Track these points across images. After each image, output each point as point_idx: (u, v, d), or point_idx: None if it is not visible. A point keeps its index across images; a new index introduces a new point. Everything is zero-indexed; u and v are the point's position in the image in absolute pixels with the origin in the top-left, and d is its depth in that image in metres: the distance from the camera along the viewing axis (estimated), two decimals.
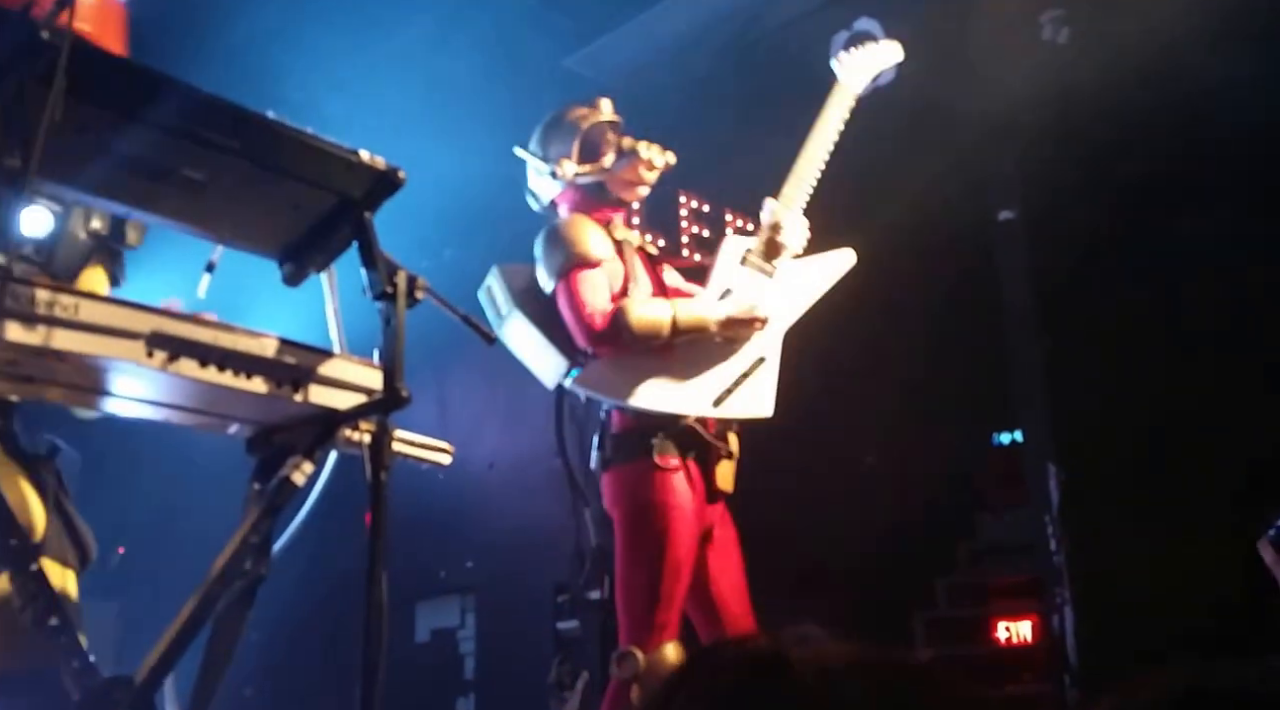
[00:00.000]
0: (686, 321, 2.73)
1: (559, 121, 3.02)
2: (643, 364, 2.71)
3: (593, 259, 2.79)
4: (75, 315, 1.66)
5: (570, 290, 2.76)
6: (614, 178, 2.93)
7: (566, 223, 2.88)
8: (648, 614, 2.59)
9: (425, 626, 5.62)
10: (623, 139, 2.98)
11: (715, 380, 2.76)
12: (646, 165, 2.93)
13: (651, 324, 2.69)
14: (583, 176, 2.93)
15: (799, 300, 2.97)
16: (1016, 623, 4.52)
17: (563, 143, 2.98)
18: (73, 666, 1.81)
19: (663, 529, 2.64)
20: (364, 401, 2.02)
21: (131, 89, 1.73)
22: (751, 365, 2.81)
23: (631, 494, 2.70)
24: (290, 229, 2.05)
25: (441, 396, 5.63)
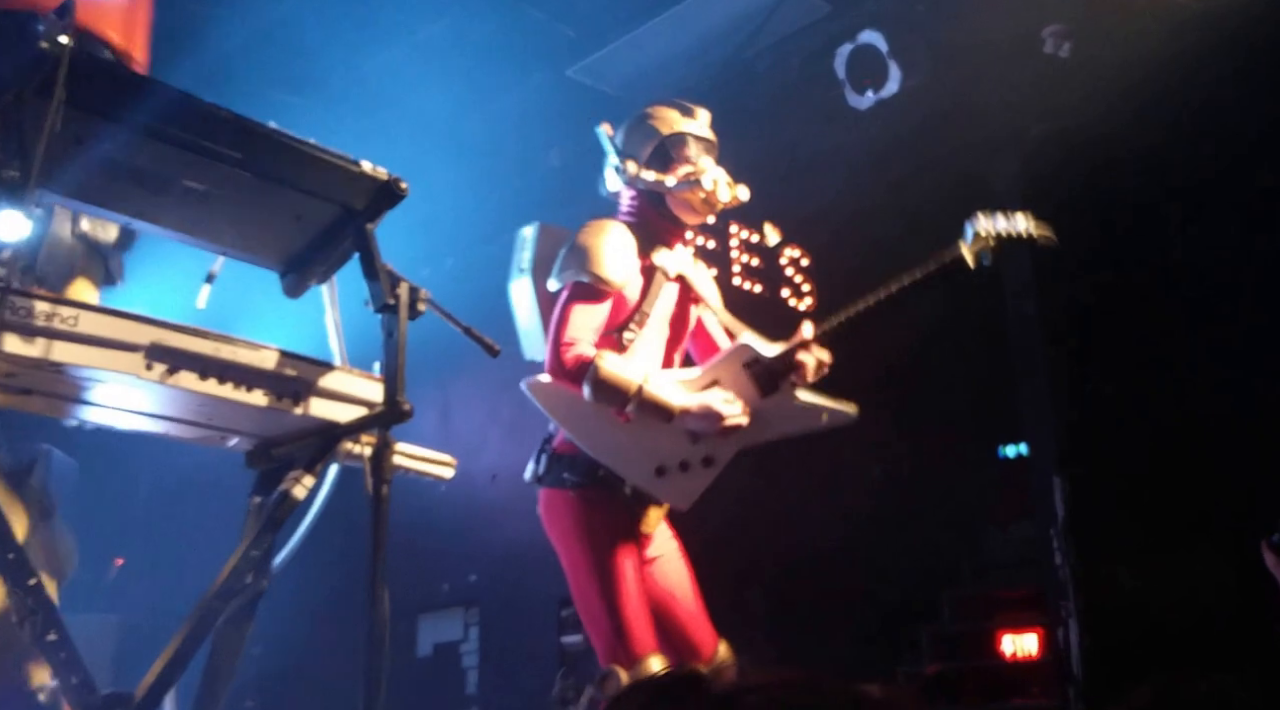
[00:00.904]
0: (650, 398, 2.56)
1: (645, 119, 2.86)
2: (598, 409, 2.60)
3: (601, 280, 2.66)
4: (74, 327, 1.65)
5: (564, 309, 2.67)
6: (675, 196, 2.78)
7: (603, 229, 2.73)
8: (616, 632, 2.53)
9: (428, 640, 5.59)
10: (701, 159, 2.81)
11: (659, 452, 2.62)
12: (708, 197, 2.77)
13: (616, 385, 2.55)
14: (641, 183, 2.79)
15: (773, 430, 2.76)
16: (1022, 636, 4.49)
17: (639, 142, 2.82)
18: (71, 682, 1.79)
19: (602, 553, 2.58)
20: (365, 414, 2.01)
21: (132, 99, 1.72)
22: (699, 460, 2.66)
23: (565, 521, 2.64)
24: (292, 240, 2.05)
25: (444, 407, 5.62)
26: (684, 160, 2.80)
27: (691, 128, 2.84)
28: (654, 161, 2.80)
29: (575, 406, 2.62)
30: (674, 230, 2.86)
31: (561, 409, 2.63)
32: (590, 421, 2.61)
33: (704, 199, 2.78)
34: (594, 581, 2.58)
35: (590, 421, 2.61)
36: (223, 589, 1.96)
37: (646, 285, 2.77)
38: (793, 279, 5.39)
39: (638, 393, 2.56)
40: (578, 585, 2.63)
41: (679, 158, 2.80)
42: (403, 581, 3.99)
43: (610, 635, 2.54)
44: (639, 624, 2.55)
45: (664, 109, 2.88)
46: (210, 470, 4.59)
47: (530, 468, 2.75)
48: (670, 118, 2.85)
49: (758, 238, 5.20)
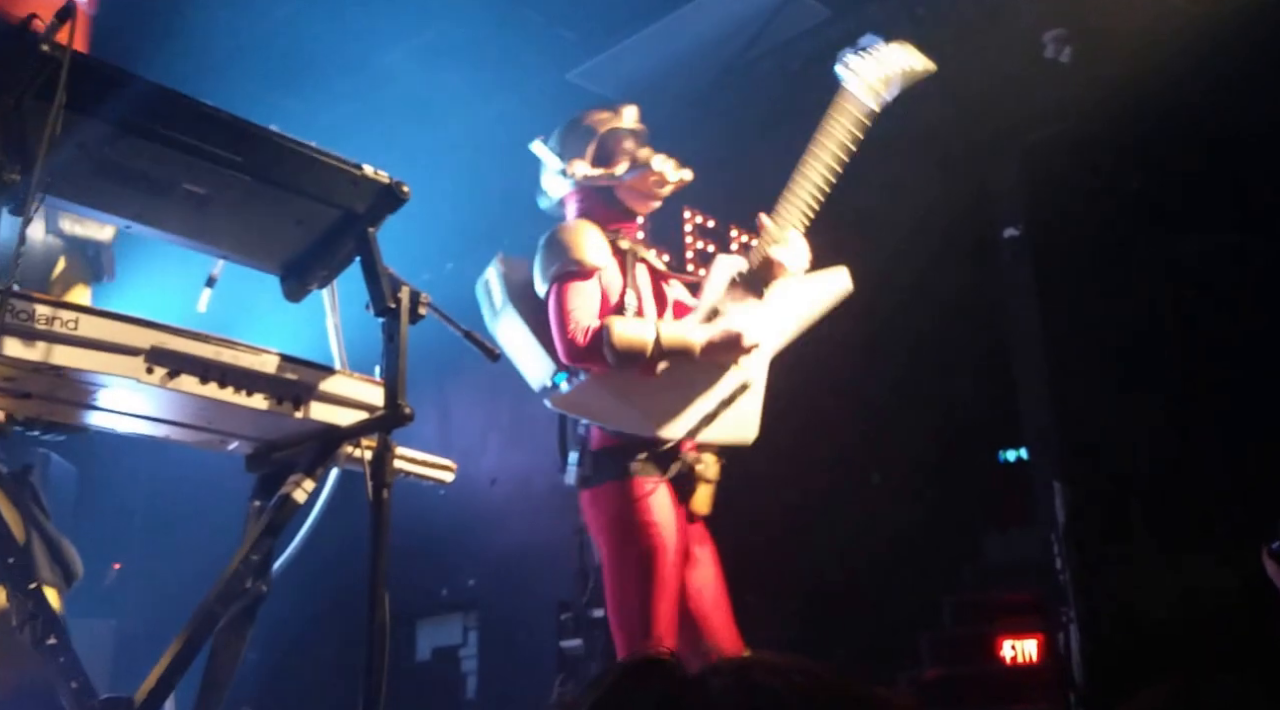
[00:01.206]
0: (670, 342, 2.63)
1: (579, 122, 2.97)
2: (623, 386, 2.64)
3: (587, 266, 2.74)
4: (75, 330, 1.64)
5: (559, 299, 2.72)
6: (624, 186, 2.88)
7: (568, 227, 2.83)
8: (643, 633, 2.55)
9: (427, 645, 5.58)
10: (641, 149, 2.92)
11: (697, 406, 2.67)
12: (658, 179, 2.87)
13: (634, 343, 2.61)
14: (592, 179, 2.88)
15: (788, 325, 2.84)
16: (1022, 641, 4.48)
17: (578, 143, 2.93)
18: (71, 687, 1.79)
19: (648, 547, 2.59)
20: (366, 418, 2.00)
21: (132, 103, 1.71)
22: (735, 391, 2.72)
23: (613, 515, 2.65)
24: (293, 244, 2.04)
25: (443, 411, 5.62)
26: (624, 153, 2.90)
27: (624, 122, 2.95)
28: (600, 158, 2.91)
29: (606, 399, 2.65)
30: (626, 221, 2.94)
31: (595, 407, 2.67)
32: (625, 405, 2.65)
33: (655, 181, 2.86)
34: (630, 579, 2.60)
35: (625, 405, 2.65)
36: (222, 593, 1.95)
37: (624, 269, 2.84)
38: None
39: (656, 341, 2.62)
40: (617, 579, 2.65)
41: (619, 151, 2.91)
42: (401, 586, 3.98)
43: (637, 633, 2.56)
44: (668, 629, 2.57)
45: (593, 112, 3.00)
46: (209, 474, 4.58)
47: (573, 472, 2.75)
48: (602, 117, 2.97)
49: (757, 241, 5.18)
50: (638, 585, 2.58)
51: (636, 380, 2.65)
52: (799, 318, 2.86)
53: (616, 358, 2.60)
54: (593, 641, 4.30)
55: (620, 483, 2.65)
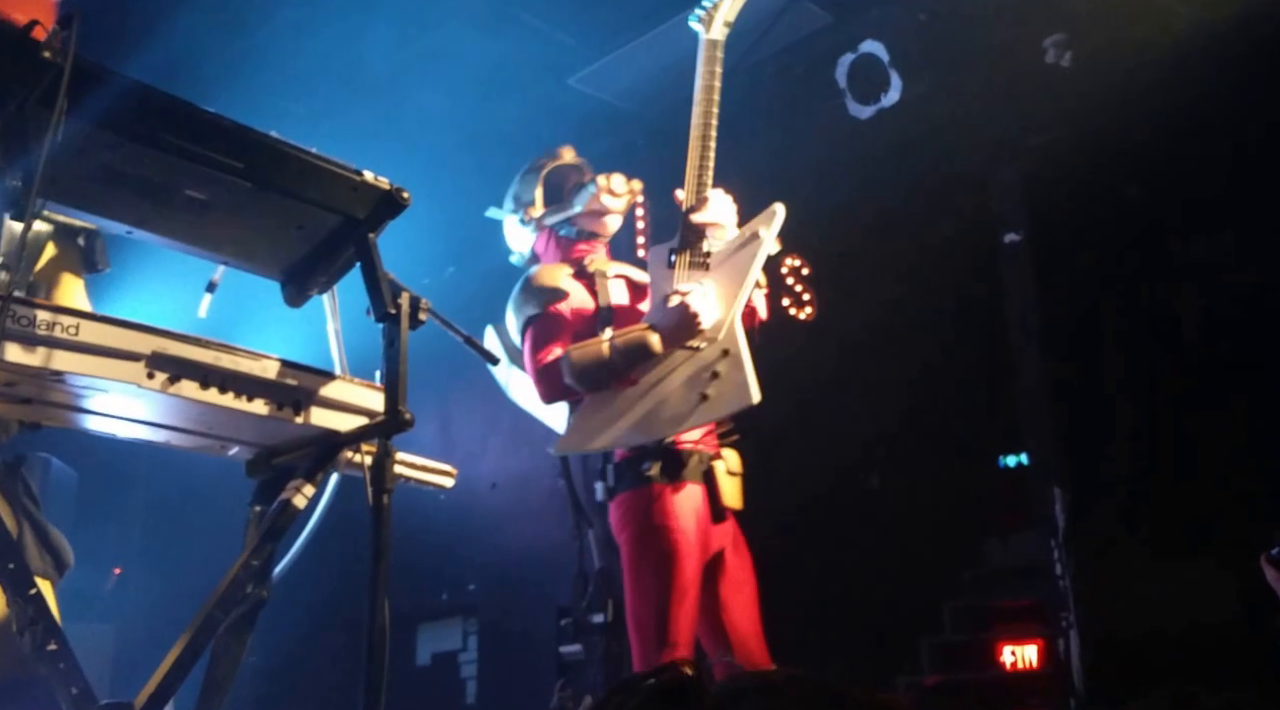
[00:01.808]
0: (624, 343, 2.63)
1: (524, 173, 3.12)
2: (607, 404, 2.68)
3: (548, 297, 2.81)
4: (76, 336, 1.65)
5: (528, 347, 2.82)
6: (580, 214, 2.97)
7: (535, 273, 2.90)
8: (659, 638, 2.57)
9: (427, 649, 5.58)
10: (584, 178, 3.04)
11: (685, 394, 2.63)
12: (606, 191, 2.95)
13: (589, 359, 2.64)
14: (549, 217, 3.00)
15: (742, 278, 2.73)
16: (1022, 647, 4.48)
17: (528, 190, 3.06)
18: (71, 693, 1.79)
19: (667, 551, 2.62)
20: (366, 424, 2.00)
21: (134, 109, 1.72)
22: (715, 362, 2.64)
23: (634, 519, 2.70)
24: (293, 249, 2.04)
25: (444, 416, 5.62)
26: (572, 186, 3.04)
27: (566, 160, 3.10)
28: (549, 198, 3.04)
29: (602, 425, 2.68)
30: (592, 244, 3.02)
31: (595, 436, 2.70)
32: (619, 421, 2.67)
33: (606, 197, 2.92)
34: (649, 583, 2.62)
35: (619, 421, 2.67)
36: (223, 598, 1.95)
37: (594, 289, 2.88)
38: (793, 288, 5.39)
39: (611, 349, 2.64)
40: (632, 584, 2.67)
41: (566, 189, 3.04)
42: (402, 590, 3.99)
43: (652, 640, 2.58)
44: (685, 640, 2.59)
45: (534, 160, 3.14)
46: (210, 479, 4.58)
47: (600, 487, 2.82)
48: (543, 161, 3.11)
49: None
50: (656, 589, 2.61)
51: (619, 394, 2.68)
52: (750, 267, 2.75)
53: (579, 380, 2.66)
54: (592, 647, 4.30)
55: (639, 489, 2.69)
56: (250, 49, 4.46)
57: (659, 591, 2.60)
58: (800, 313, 5.33)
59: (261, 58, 4.49)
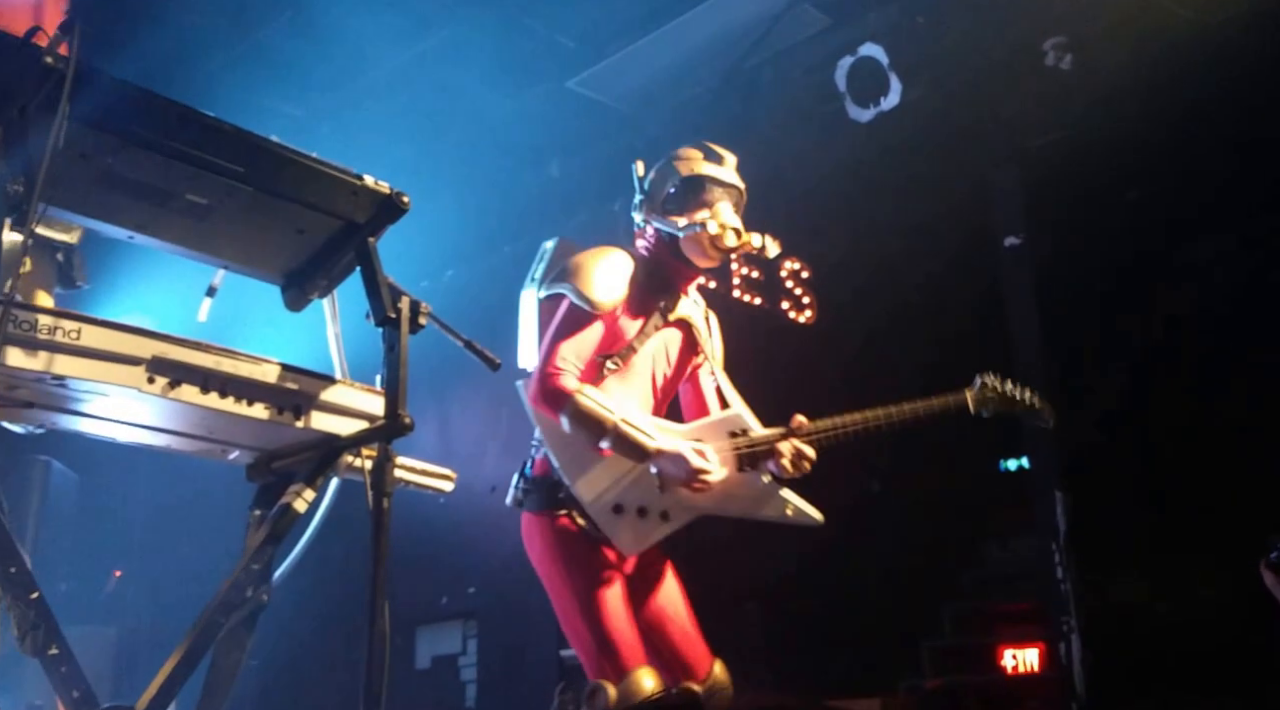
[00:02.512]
0: (626, 434, 2.55)
1: (673, 159, 2.87)
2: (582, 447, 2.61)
3: (595, 303, 2.66)
4: (77, 341, 1.65)
5: (559, 325, 2.68)
6: (685, 238, 2.77)
7: (602, 253, 2.75)
8: (600, 647, 2.53)
9: (427, 653, 5.57)
10: (719, 204, 2.79)
11: (622, 492, 2.60)
12: (714, 240, 2.74)
13: (593, 416, 2.54)
14: (657, 222, 2.81)
15: (739, 506, 2.73)
16: (1023, 650, 4.48)
17: (661, 181, 2.84)
18: (73, 696, 1.79)
19: (583, 565, 2.59)
20: (366, 428, 2.01)
21: (136, 114, 1.72)
22: (657, 512, 2.63)
23: (543, 540, 2.65)
24: (293, 254, 2.05)
25: (443, 420, 5.62)
26: (701, 204, 2.79)
27: (714, 172, 2.82)
28: (672, 203, 2.80)
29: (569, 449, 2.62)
30: (687, 272, 2.84)
31: (545, 417, 2.64)
32: (572, 444, 2.60)
33: (711, 242, 2.75)
34: (574, 599, 2.58)
35: (572, 444, 2.60)
36: (223, 602, 1.95)
37: (644, 322, 2.75)
38: (793, 291, 5.39)
39: (613, 428, 2.55)
40: (560, 605, 2.63)
41: (696, 202, 2.79)
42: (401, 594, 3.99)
43: (594, 650, 2.54)
44: (623, 637, 2.54)
45: (691, 151, 2.87)
46: (211, 483, 4.59)
47: (510, 493, 2.75)
48: (693, 159, 2.84)
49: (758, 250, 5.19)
50: (580, 608, 2.57)
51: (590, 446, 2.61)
52: (749, 510, 2.76)
53: (571, 424, 2.57)
54: None
55: (547, 513, 2.64)
56: (251, 52, 4.47)
57: (585, 606, 2.55)
58: (800, 316, 5.33)
59: (262, 61, 4.50)
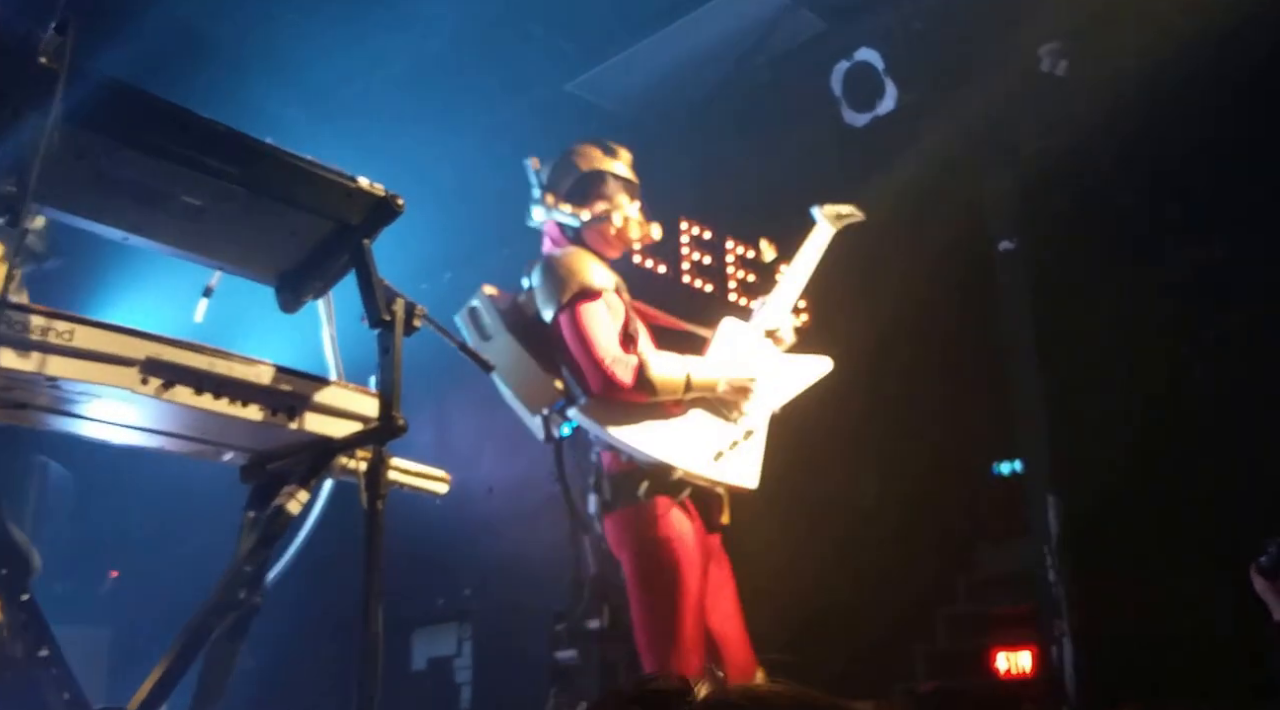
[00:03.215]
0: (700, 380, 2.82)
1: (570, 155, 3.04)
2: (645, 413, 2.76)
3: (594, 289, 2.81)
4: (70, 341, 1.65)
5: (578, 326, 2.77)
6: (590, 230, 2.96)
7: (567, 253, 2.89)
8: (675, 649, 2.59)
9: (422, 655, 5.57)
10: (617, 196, 2.98)
11: (711, 440, 2.83)
12: (619, 233, 2.96)
13: (671, 382, 2.76)
14: (559, 215, 2.97)
15: (784, 389, 3.11)
16: (1016, 653, 4.48)
17: (561, 176, 3.00)
18: (64, 699, 1.79)
19: (672, 563, 2.66)
20: (360, 430, 2.01)
21: (130, 115, 1.72)
22: (743, 434, 2.90)
23: (636, 535, 2.72)
24: (288, 255, 2.05)
25: (440, 421, 5.62)
26: (600, 197, 2.97)
27: (611, 167, 3.01)
28: (573, 196, 2.97)
29: (623, 420, 2.74)
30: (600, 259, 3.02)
31: (615, 421, 2.74)
32: (642, 427, 2.73)
33: (616, 234, 2.95)
34: (657, 598, 2.67)
35: (642, 427, 2.73)
36: (217, 604, 1.95)
37: (622, 298, 2.94)
38: None
39: (687, 378, 2.78)
40: (640, 600, 2.72)
41: (595, 195, 2.97)
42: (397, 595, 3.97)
43: (668, 652, 2.60)
44: (695, 646, 2.63)
45: (588, 147, 3.06)
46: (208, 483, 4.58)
47: (594, 500, 2.84)
48: (591, 155, 3.02)
49: (753, 254, 5.22)
50: (665, 602, 2.65)
51: (656, 411, 2.76)
52: (791, 386, 3.14)
53: (655, 394, 2.74)
54: (587, 653, 4.29)
55: (638, 505, 2.71)
56: (251, 55, 4.47)
57: (667, 604, 2.64)
58: (795, 318, 5.34)
59: (262, 64, 4.50)
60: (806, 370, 3.18)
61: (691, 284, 4.97)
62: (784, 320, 3.16)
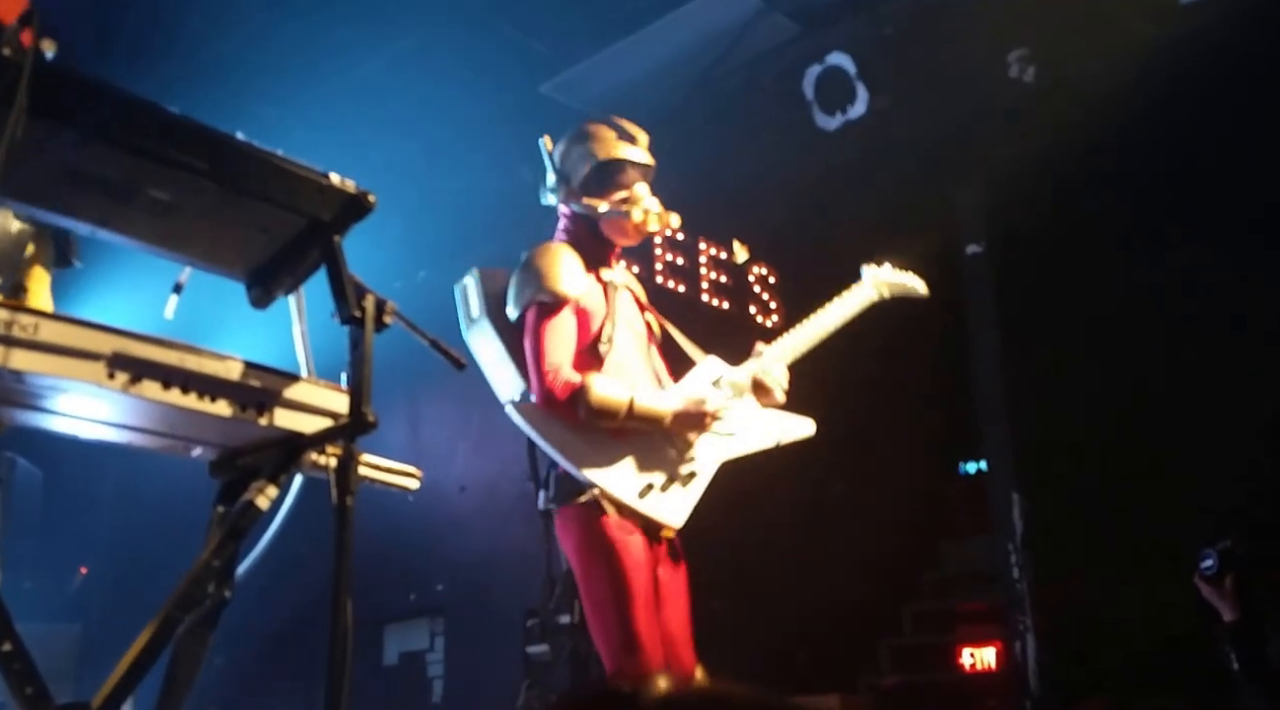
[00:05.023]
0: (643, 410, 2.67)
1: (585, 139, 2.90)
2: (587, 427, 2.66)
3: (560, 295, 2.73)
4: (34, 335, 1.64)
5: (534, 334, 2.72)
6: (605, 221, 2.86)
7: (546, 251, 2.81)
8: (625, 646, 2.56)
9: (394, 649, 5.58)
10: (636, 186, 2.87)
11: (644, 473, 2.69)
12: (638, 226, 2.86)
13: (610, 406, 2.63)
14: (576, 206, 2.87)
15: (749, 441, 2.90)
16: (981, 649, 4.54)
17: (576, 162, 2.88)
18: (26, 694, 1.78)
19: (618, 561, 2.62)
20: (330, 426, 2.01)
21: (96, 108, 1.71)
22: (684, 476, 2.75)
23: (581, 536, 2.68)
24: (258, 251, 2.04)
25: (413, 419, 5.62)
26: (618, 186, 2.87)
27: (629, 153, 2.89)
28: (589, 184, 2.86)
29: (561, 427, 2.66)
30: (609, 248, 2.94)
31: (548, 431, 2.67)
32: (578, 444, 2.65)
33: (634, 227, 2.86)
34: (606, 596, 2.62)
35: (578, 444, 2.65)
36: (183, 598, 1.95)
37: (607, 298, 2.84)
38: (760, 296, 5.45)
39: (629, 405, 2.65)
40: (592, 599, 2.67)
41: (614, 183, 2.86)
42: (370, 591, 4.00)
43: (620, 650, 2.57)
44: (650, 641, 2.58)
45: (603, 129, 2.92)
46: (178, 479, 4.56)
47: (541, 495, 2.77)
48: (608, 141, 2.89)
49: (726, 255, 5.26)
50: (612, 600, 2.60)
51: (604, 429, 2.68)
52: (758, 440, 2.91)
53: (590, 416, 2.63)
54: (559, 647, 4.32)
55: (583, 505, 2.67)
56: (223, 52, 4.46)
57: (615, 600, 2.59)
58: (767, 320, 5.38)
59: (236, 62, 4.48)
60: (783, 428, 2.95)
61: (664, 284, 5.00)
62: (778, 375, 2.91)
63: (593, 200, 2.85)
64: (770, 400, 2.90)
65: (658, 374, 2.93)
